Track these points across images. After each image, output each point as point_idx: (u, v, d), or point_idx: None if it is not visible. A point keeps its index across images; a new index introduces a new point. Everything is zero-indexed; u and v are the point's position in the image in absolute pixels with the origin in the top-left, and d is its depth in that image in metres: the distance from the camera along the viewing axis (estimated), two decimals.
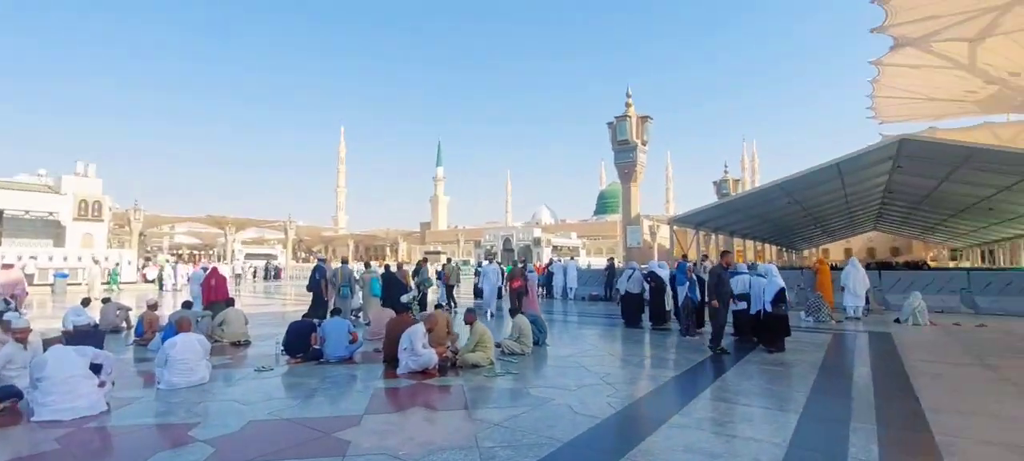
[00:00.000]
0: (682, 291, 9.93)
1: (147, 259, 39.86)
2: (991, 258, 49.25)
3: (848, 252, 75.86)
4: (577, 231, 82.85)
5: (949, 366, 7.27)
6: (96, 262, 20.83)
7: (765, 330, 8.45)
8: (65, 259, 22.24)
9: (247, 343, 9.11)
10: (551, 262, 21.78)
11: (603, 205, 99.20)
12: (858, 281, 12.64)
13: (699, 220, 28.77)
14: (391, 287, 12.45)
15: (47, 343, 5.27)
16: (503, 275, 16.08)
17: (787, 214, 33.80)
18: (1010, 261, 43.97)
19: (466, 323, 7.62)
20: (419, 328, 6.97)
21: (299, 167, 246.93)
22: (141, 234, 45.78)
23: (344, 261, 12.33)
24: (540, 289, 20.05)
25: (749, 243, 45.37)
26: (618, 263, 21.24)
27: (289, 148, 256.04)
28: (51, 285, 20.09)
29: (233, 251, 59.96)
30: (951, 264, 53.32)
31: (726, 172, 45.25)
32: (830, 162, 22.13)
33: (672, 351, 8.56)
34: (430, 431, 4.55)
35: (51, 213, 27.75)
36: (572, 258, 30.78)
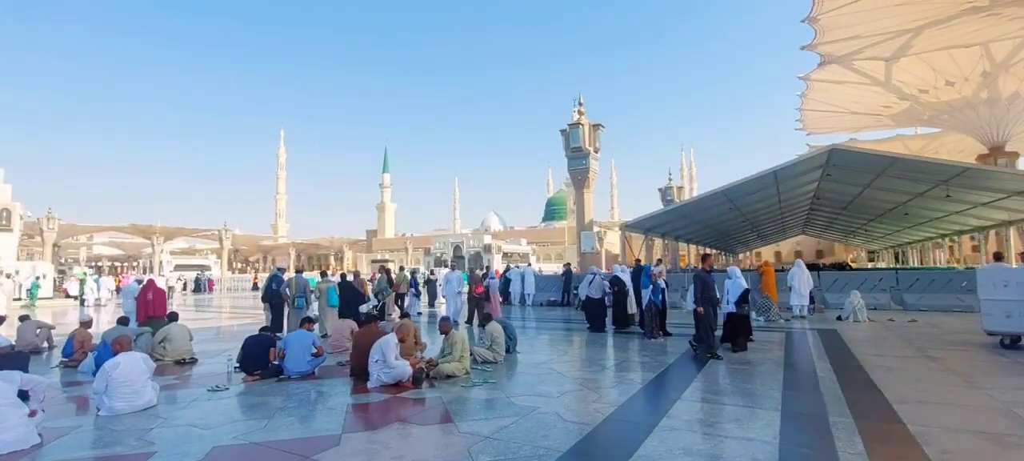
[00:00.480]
0: (646, 295, 10.07)
1: (61, 272, 36.27)
2: (903, 259, 53.82)
3: (778, 255, 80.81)
4: (526, 238, 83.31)
5: (897, 359, 7.75)
6: (8, 276, 18.65)
7: (730, 330, 8.70)
8: None
9: (193, 361, 8.40)
10: (508, 269, 21.68)
11: (552, 212, 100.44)
12: (804, 281, 13.36)
13: (648, 226, 29.61)
14: (349, 297, 11.93)
15: None
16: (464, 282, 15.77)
17: (727, 219, 35.47)
18: (920, 261, 48.18)
19: (442, 332, 7.33)
20: (391, 339, 6.64)
21: (235, 174, 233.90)
22: (55, 245, 41.69)
23: (299, 270, 11.66)
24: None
25: (692, 247, 47.40)
26: (574, 269, 21.44)
27: (223, 154, 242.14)
28: None
29: (161, 262, 55.86)
30: (869, 265, 57.81)
31: (670, 180, 47.05)
32: (767, 170, 23.43)
33: (641, 355, 8.64)
34: (418, 448, 4.29)
35: None
36: (529, 265, 30.78)
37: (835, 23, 26.70)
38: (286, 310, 11.24)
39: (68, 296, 23.36)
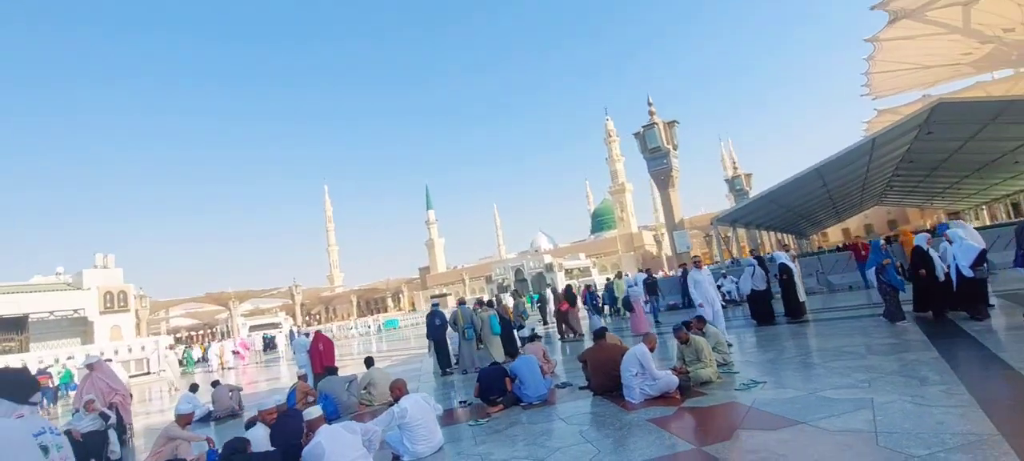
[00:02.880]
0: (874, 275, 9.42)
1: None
2: (991, 216, 50.86)
3: (846, 231, 76.67)
4: (581, 251, 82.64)
5: None
6: (171, 348, 19.56)
7: (968, 298, 7.96)
8: (117, 352, 20.50)
9: None
10: (620, 276, 21.14)
11: (599, 223, 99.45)
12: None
13: (735, 217, 28.81)
14: (502, 324, 11.79)
15: (311, 425, 4.48)
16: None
17: (811, 200, 34.07)
18: (1013, 216, 45.23)
19: (681, 341, 6.89)
20: (644, 349, 6.30)
21: (280, 232, 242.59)
22: (147, 321, 43.82)
23: (461, 302, 11.60)
24: (603, 306, 19.46)
25: (763, 234, 45.40)
26: (652, 273, 20.67)
27: (266, 215, 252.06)
28: None
29: (237, 326, 57.92)
30: None
31: (737, 170, 45.70)
32: (865, 139, 22.45)
33: (882, 337, 7.95)
34: (821, 453, 3.87)
35: (76, 310, 26.29)
36: (647, 271, 30.13)
37: None
38: (456, 341, 11.18)
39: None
